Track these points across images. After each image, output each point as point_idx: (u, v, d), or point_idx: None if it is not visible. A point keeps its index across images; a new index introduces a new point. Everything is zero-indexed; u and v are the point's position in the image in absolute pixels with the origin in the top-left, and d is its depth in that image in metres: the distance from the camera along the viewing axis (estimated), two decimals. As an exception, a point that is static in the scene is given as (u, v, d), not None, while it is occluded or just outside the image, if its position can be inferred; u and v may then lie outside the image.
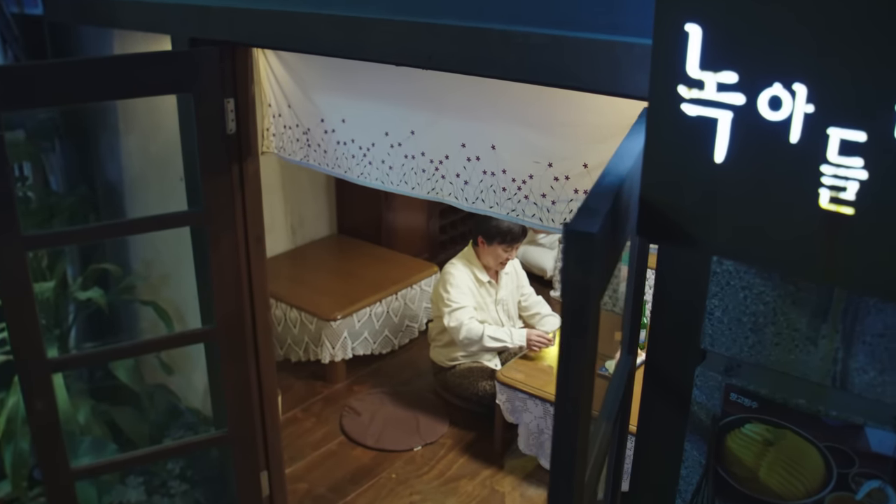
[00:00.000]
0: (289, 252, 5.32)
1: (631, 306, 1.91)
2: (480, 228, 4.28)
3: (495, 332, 4.18)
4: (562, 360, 1.11)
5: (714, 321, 1.70)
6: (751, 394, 1.67)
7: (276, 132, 3.17)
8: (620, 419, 1.96)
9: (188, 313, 3.65)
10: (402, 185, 2.78)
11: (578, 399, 1.13)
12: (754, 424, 1.68)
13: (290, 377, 4.68)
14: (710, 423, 1.76)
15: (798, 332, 1.57)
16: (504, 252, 4.24)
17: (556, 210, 2.41)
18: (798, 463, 1.63)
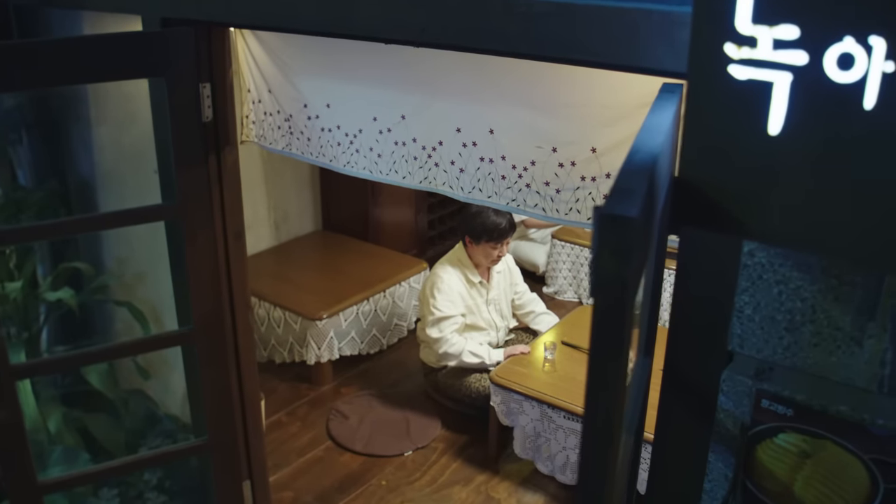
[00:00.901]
0: (272, 249, 5.13)
1: (649, 302, 1.72)
2: (466, 227, 4.11)
3: (476, 349, 4.03)
4: (593, 368, 0.93)
5: (744, 320, 1.53)
6: (785, 400, 1.50)
7: (257, 119, 2.97)
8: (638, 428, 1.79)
9: (166, 314, 3.46)
10: (391, 174, 2.60)
11: (612, 412, 0.95)
12: (789, 434, 1.51)
13: (274, 379, 4.49)
14: (738, 432, 1.59)
15: (840, 331, 1.41)
16: (493, 249, 4.06)
17: (560, 199, 2.24)
18: (838, 477, 1.47)
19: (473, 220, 4.03)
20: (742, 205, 1.03)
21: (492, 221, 4.00)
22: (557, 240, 5.48)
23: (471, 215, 4.04)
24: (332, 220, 5.46)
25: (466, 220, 4.08)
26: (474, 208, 4.02)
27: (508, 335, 4.41)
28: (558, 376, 3.74)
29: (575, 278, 5.49)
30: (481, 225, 4.01)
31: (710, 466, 1.67)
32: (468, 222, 4.06)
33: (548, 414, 3.59)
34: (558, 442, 3.59)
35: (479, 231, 4.02)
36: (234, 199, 2.75)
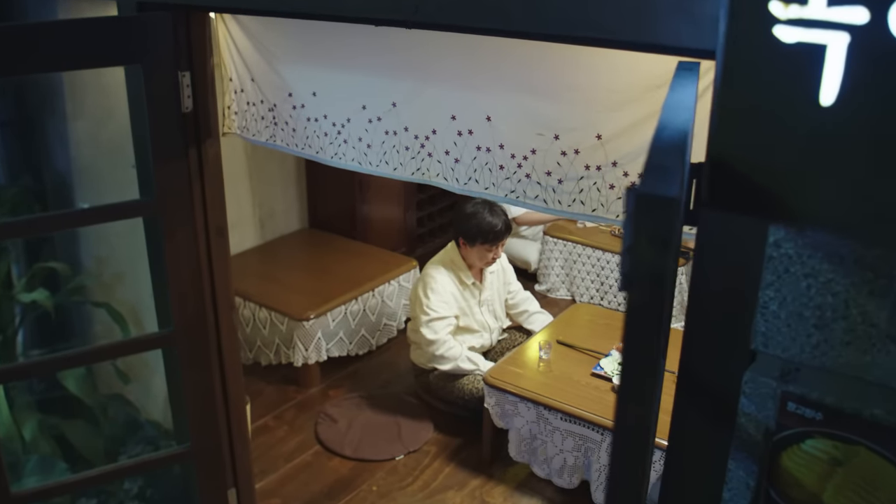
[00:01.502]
0: (257, 247, 4.99)
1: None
2: (460, 229, 3.96)
3: (473, 356, 3.93)
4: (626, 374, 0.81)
5: (768, 316, 1.41)
6: (814, 403, 1.38)
7: (239, 110, 2.84)
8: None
9: (146, 315, 3.32)
10: (382, 165, 2.47)
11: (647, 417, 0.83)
12: (818, 440, 1.39)
13: (260, 382, 4.35)
14: (761, 438, 1.47)
15: (876, 328, 1.29)
16: (489, 252, 3.93)
17: (563, 190, 2.12)
18: (873, 486, 1.35)
19: (468, 221, 3.89)
20: (787, 186, 0.91)
21: (487, 223, 3.87)
22: (549, 237, 5.37)
23: (465, 216, 3.90)
24: (318, 218, 5.33)
25: (460, 222, 3.94)
26: (468, 209, 3.89)
27: (502, 335, 4.29)
28: (554, 376, 3.62)
29: (567, 276, 5.38)
30: (476, 227, 3.88)
31: (730, 475, 1.56)
32: (462, 223, 3.92)
33: (544, 415, 3.47)
34: (555, 444, 3.48)
35: (473, 233, 3.89)
36: (216, 193, 2.62)
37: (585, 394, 3.50)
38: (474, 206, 3.89)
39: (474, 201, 3.91)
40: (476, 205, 3.88)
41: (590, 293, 5.28)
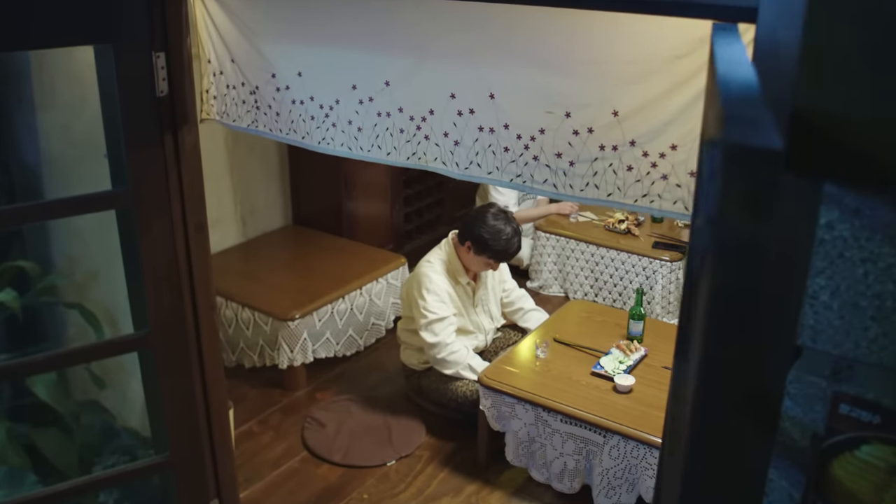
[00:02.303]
0: (239, 246, 4.80)
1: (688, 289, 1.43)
2: (471, 234, 3.70)
3: (477, 365, 3.72)
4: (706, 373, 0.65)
5: (818, 307, 1.25)
6: (870, 405, 1.22)
7: (218, 94, 2.66)
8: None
9: (121, 316, 3.14)
10: (374, 150, 2.30)
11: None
12: (875, 446, 1.23)
13: (244, 385, 4.17)
14: (808, 444, 1.31)
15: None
16: (491, 265, 3.77)
17: (575, 173, 1.96)
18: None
19: (481, 228, 3.65)
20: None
21: (505, 244, 3.65)
22: (542, 232, 5.22)
23: (485, 226, 3.65)
24: (302, 215, 5.15)
25: (472, 227, 3.70)
26: (490, 220, 3.65)
27: (496, 334, 4.13)
28: (552, 376, 3.46)
29: (560, 272, 5.23)
30: (493, 243, 3.65)
31: (771, 485, 1.39)
32: (475, 230, 3.68)
33: (543, 417, 3.31)
34: (554, 448, 3.32)
35: (485, 247, 3.67)
36: (195, 184, 2.44)
37: (586, 394, 3.34)
38: (496, 218, 3.66)
39: (492, 211, 3.70)
40: (497, 218, 3.67)
41: (584, 289, 5.13)
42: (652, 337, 3.79)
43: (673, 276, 4.77)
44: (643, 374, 3.45)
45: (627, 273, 4.91)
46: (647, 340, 3.75)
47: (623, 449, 3.14)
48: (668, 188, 1.87)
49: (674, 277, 4.78)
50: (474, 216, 3.73)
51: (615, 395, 3.34)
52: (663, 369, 3.52)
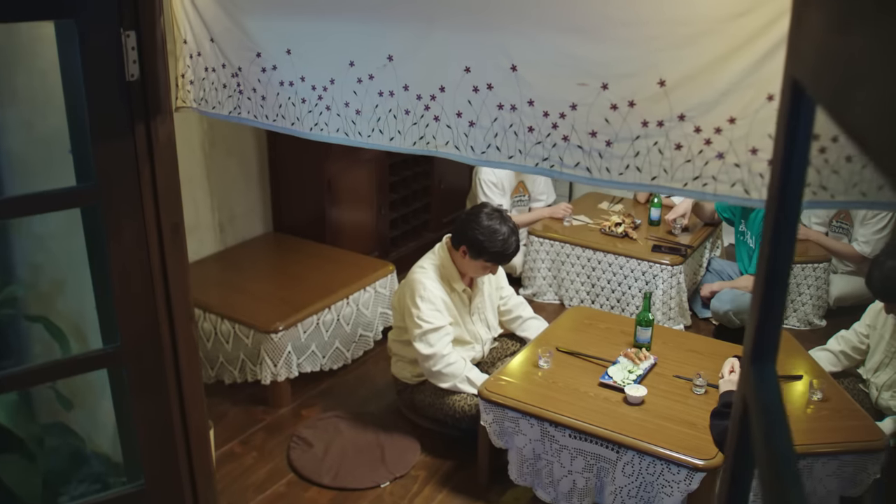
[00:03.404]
0: (217, 254, 4.54)
1: (766, 278, 1.18)
2: (465, 237, 3.45)
3: (476, 377, 3.46)
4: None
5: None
6: None
7: (195, 78, 2.40)
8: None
9: (92, 330, 2.87)
10: (375, 135, 2.05)
11: None
12: None
13: (225, 403, 3.90)
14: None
15: None
16: (489, 269, 3.53)
17: (613, 154, 1.72)
18: None
19: (476, 231, 3.40)
20: None
21: (502, 245, 3.41)
22: (535, 236, 4.99)
23: (481, 228, 3.40)
24: (284, 221, 4.89)
25: (467, 230, 3.44)
26: (485, 220, 3.40)
27: (493, 344, 3.89)
28: (558, 388, 3.23)
29: (555, 278, 5.00)
30: (490, 246, 3.41)
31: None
32: (470, 233, 3.42)
33: (549, 432, 3.08)
34: (562, 465, 3.08)
35: (482, 250, 3.43)
36: (170, 180, 2.19)
37: (595, 406, 3.11)
38: (490, 218, 3.41)
39: (486, 211, 3.45)
40: (492, 218, 3.42)
41: (580, 296, 4.91)
42: (659, 344, 3.58)
43: (674, 280, 4.56)
44: (654, 384, 3.23)
45: (626, 278, 4.70)
46: (654, 348, 3.53)
47: (638, 465, 2.91)
48: (724, 169, 1.64)
49: (675, 282, 4.57)
50: (467, 219, 3.48)
51: (626, 407, 3.12)
52: (675, 379, 3.30)
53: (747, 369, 1.20)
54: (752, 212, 4.51)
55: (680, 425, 3.00)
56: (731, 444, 1.32)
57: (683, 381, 3.28)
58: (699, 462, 2.80)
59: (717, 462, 2.81)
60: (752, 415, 1.17)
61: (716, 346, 3.65)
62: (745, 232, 4.62)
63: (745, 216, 4.62)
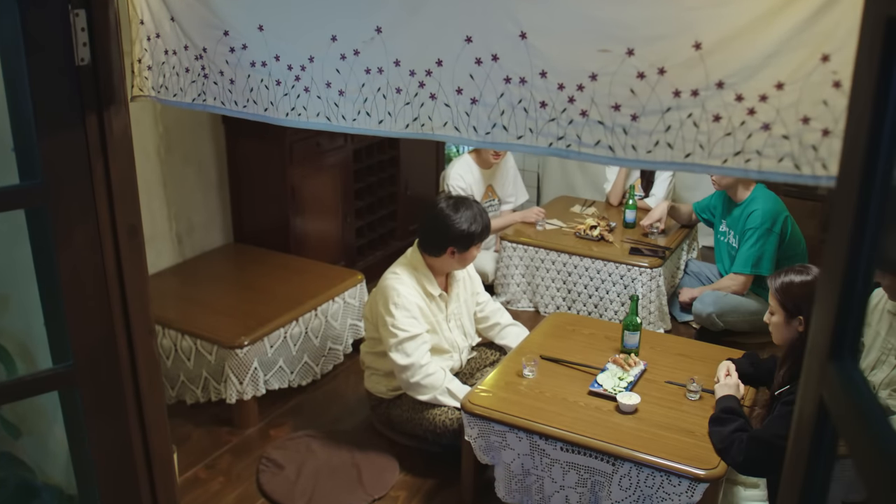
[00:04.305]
0: (175, 267, 4.28)
1: (848, 264, 0.99)
2: (447, 239, 3.26)
3: (457, 389, 3.27)
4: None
5: None
6: None
7: (154, 63, 2.18)
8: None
9: (40, 348, 2.63)
10: (361, 118, 1.85)
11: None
12: None
13: (187, 424, 3.64)
14: None
15: None
16: (477, 250, 3.35)
17: (639, 130, 1.55)
18: None
19: (462, 227, 3.23)
20: None
21: (482, 220, 3.30)
22: (508, 242, 4.82)
23: (452, 224, 3.23)
24: (245, 231, 4.65)
25: (447, 232, 3.25)
26: (451, 213, 3.24)
27: (471, 353, 3.70)
28: (546, 399, 3.05)
29: (529, 284, 4.83)
30: (477, 229, 3.27)
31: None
32: (452, 233, 3.24)
33: (539, 446, 2.89)
34: (554, 480, 2.90)
35: (472, 237, 3.28)
36: (125, 177, 1.96)
37: (586, 416, 2.94)
38: (453, 208, 3.23)
39: (443, 206, 3.25)
40: (455, 208, 3.23)
41: (556, 302, 4.74)
42: (646, 349, 3.42)
43: (654, 283, 4.41)
44: (646, 391, 3.06)
45: (604, 282, 4.54)
46: (641, 353, 3.37)
47: (635, 478, 2.73)
48: (771, 141, 1.47)
49: (654, 285, 4.42)
50: (436, 223, 3.26)
51: (619, 416, 2.94)
52: (667, 384, 3.14)
53: (820, 369, 1.03)
54: (735, 209, 4.40)
55: (677, 433, 2.83)
56: (797, 454, 1.15)
57: (676, 386, 3.12)
58: (701, 472, 2.64)
59: (720, 472, 2.65)
60: (835, 420, 0.99)
61: (705, 349, 3.50)
62: (727, 232, 4.50)
63: (726, 215, 4.51)
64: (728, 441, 2.69)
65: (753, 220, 4.23)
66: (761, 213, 4.21)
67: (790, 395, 2.66)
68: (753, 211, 4.24)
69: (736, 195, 4.40)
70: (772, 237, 4.22)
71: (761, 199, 4.27)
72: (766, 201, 4.26)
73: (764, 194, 4.30)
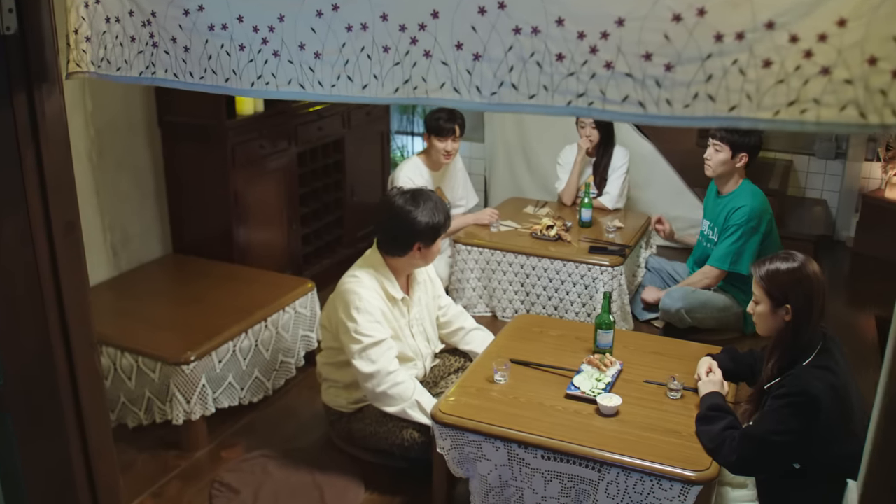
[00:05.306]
0: (111, 281, 3.99)
1: None
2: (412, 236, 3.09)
3: (426, 402, 3.03)
4: None
5: None
6: None
7: (94, 32, 1.92)
8: None
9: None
10: (342, 83, 1.63)
11: None
12: None
13: (130, 450, 3.34)
14: None
15: None
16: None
17: (675, 81, 1.36)
18: None
19: (423, 221, 3.05)
20: None
21: (443, 209, 3.15)
22: (462, 245, 4.63)
23: (414, 219, 3.04)
24: (185, 241, 4.37)
25: (411, 229, 3.06)
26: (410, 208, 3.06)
27: (434, 361, 3.49)
28: (521, 405, 2.86)
29: (486, 288, 4.65)
30: (439, 220, 3.10)
31: None
32: (415, 229, 3.06)
33: (518, 455, 2.70)
34: (535, 491, 2.71)
35: (437, 228, 3.11)
36: (61, 166, 1.73)
37: (565, 421, 2.76)
38: (410, 202, 3.05)
39: (399, 201, 3.07)
40: (412, 201, 3.05)
41: (514, 306, 4.57)
42: (619, 348, 3.26)
43: (615, 282, 4.28)
44: (625, 392, 2.90)
45: (563, 283, 4.39)
46: (615, 352, 3.21)
47: (623, 484, 2.56)
48: (831, 87, 1.30)
49: (616, 284, 4.29)
50: (397, 221, 3.06)
51: (600, 419, 2.77)
52: (645, 384, 2.98)
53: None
54: (718, 200, 4.32)
55: (664, 435, 2.67)
56: (887, 445, 0.98)
57: (656, 386, 2.97)
58: (692, 474, 2.48)
59: (713, 473, 2.50)
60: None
61: (680, 346, 3.36)
62: (704, 222, 4.45)
63: (708, 205, 4.47)
64: (719, 440, 2.54)
65: (739, 217, 4.14)
66: (748, 210, 4.13)
67: (781, 388, 2.52)
68: (740, 207, 4.15)
69: (724, 186, 4.31)
70: (756, 236, 4.14)
71: (748, 195, 4.19)
72: (753, 198, 4.18)
73: (751, 190, 4.23)
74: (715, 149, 4.21)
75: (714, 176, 4.33)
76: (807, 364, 2.52)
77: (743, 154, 4.17)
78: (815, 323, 2.57)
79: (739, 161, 4.19)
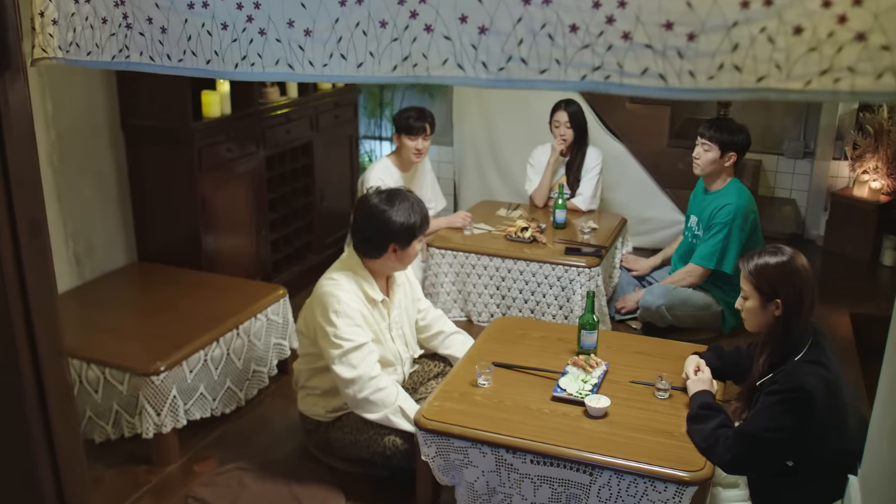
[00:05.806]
0: (74, 290, 3.83)
1: None
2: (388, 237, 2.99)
3: (409, 407, 2.93)
4: None
5: None
6: None
7: (61, 15, 1.81)
8: None
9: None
10: (335, 62, 1.53)
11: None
12: None
13: (97, 466, 3.19)
14: None
15: None
16: (419, 244, 3.06)
17: (698, 51, 1.29)
18: None
19: (402, 219, 2.97)
20: None
21: (420, 210, 3.06)
22: (435, 248, 4.54)
23: (389, 219, 2.95)
24: (151, 249, 4.23)
25: (385, 230, 2.97)
26: (386, 208, 2.98)
27: (413, 366, 3.39)
28: (507, 408, 2.78)
29: (460, 293, 4.57)
30: (416, 220, 3.01)
31: None
32: (389, 230, 2.96)
33: (506, 460, 2.62)
34: (524, 497, 2.63)
35: (414, 229, 3.01)
36: (25, 161, 1.61)
37: (553, 424, 2.68)
38: (386, 202, 2.96)
39: (374, 201, 2.98)
40: (388, 201, 2.97)
41: (489, 310, 4.49)
42: (603, 349, 3.19)
43: (592, 283, 4.22)
44: (612, 393, 2.83)
45: (540, 285, 4.32)
46: (599, 353, 3.14)
47: (616, 487, 2.49)
48: (867, 54, 1.24)
49: (593, 285, 4.23)
50: (371, 221, 2.97)
51: (589, 421, 2.70)
52: (632, 384, 2.92)
53: None
54: (705, 197, 4.28)
55: (654, 435, 2.61)
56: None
57: (643, 386, 2.91)
58: (687, 475, 2.42)
59: (708, 473, 2.44)
60: None
61: (664, 346, 3.30)
62: (690, 217, 4.41)
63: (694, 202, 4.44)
64: (712, 438, 2.49)
65: (725, 215, 4.11)
66: (734, 209, 4.10)
67: (773, 384, 2.47)
68: (726, 205, 4.12)
69: (712, 185, 4.28)
70: (741, 235, 4.11)
71: (735, 194, 4.16)
72: (739, 196, 4.15)
73: (738, 188, 4.20)
74: (704, 148, 4.17)
75: (702, 175, 4.30)
76: (798, 359, 2.48)
77: (732, 153, 4.15)
78: (806, 317, 2.52)
79: (728, 160, 4.16)
